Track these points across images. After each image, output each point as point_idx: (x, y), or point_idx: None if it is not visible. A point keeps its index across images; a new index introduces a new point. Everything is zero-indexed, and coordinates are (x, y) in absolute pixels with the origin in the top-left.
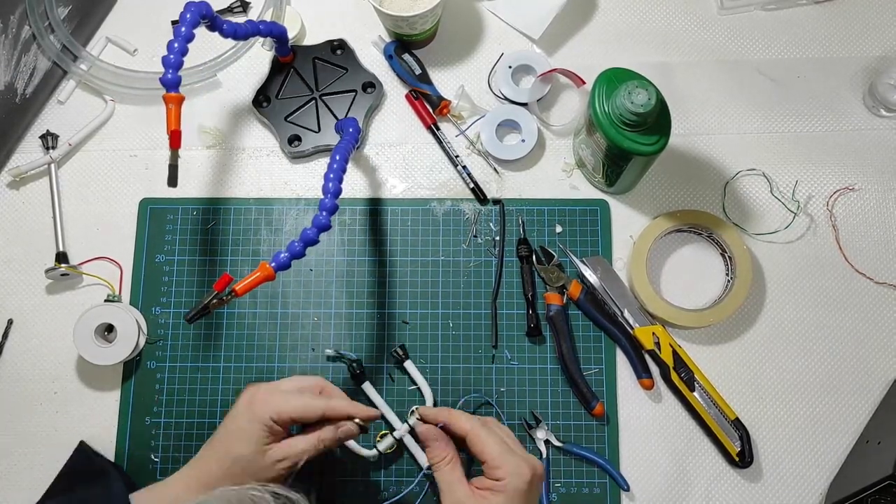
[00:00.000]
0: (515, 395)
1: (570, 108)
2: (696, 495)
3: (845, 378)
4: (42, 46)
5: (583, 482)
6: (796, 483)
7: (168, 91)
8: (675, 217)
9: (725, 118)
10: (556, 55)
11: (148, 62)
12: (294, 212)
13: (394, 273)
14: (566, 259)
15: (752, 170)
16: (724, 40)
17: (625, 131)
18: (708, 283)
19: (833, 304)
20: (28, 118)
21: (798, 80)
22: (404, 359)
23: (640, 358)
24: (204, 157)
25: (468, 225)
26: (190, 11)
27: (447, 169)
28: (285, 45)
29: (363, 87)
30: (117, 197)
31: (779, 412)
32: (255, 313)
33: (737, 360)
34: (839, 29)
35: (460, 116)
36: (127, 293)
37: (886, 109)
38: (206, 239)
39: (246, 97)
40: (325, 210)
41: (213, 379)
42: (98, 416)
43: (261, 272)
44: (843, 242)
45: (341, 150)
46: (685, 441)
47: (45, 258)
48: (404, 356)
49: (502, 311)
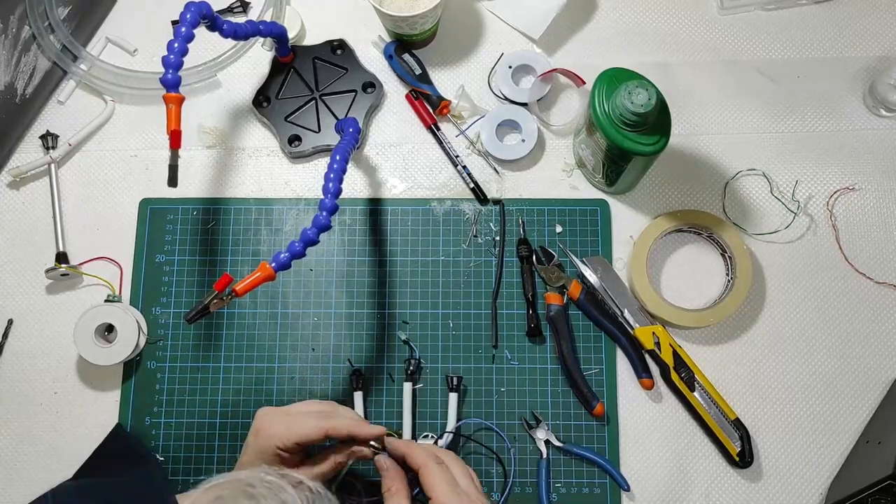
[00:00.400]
0: (516, 395)
1: (570, 108)
2: (697, 495)
3: (846, 378)
4: (42, 46)
5: (583, 482)
6: (796, 483)
7: (168, 91)
8: (676, 217)
9: (725, 118)
10: (556, 55)
11: (148, 62)
12: (294, 212)
13: (394, 273)
14: (566, 259)
15: (752, 170)
16: (724, 40)
17: (625, 131)
18: (708, 283)
19: (833, 304)
20: (28, 118)
21: (798, 80)
22: (457, 388)
23: (641, 358)
24: (204, 157)
25: (468, 225)
26: (190, 11)
27: (447, 169)
28: (285, 45)
29: (363, 87)
30: (117, 197)
31: (779, 412)
32: (255, 313)
33: (737, 360)
34: (839, 29)
35: (460, 116)
36: (127, 293)
37: (886, 109)
38: (207, 239)
39: (246, 97)
40: (325, 210)
41: (213, 379)
42: (98, 416)
43: (261, 272)
44: (843, 242)
45: (341, 150)
46: (685, 441)
47: (45, 258)
48: (457, 384)
49: (502, 311)
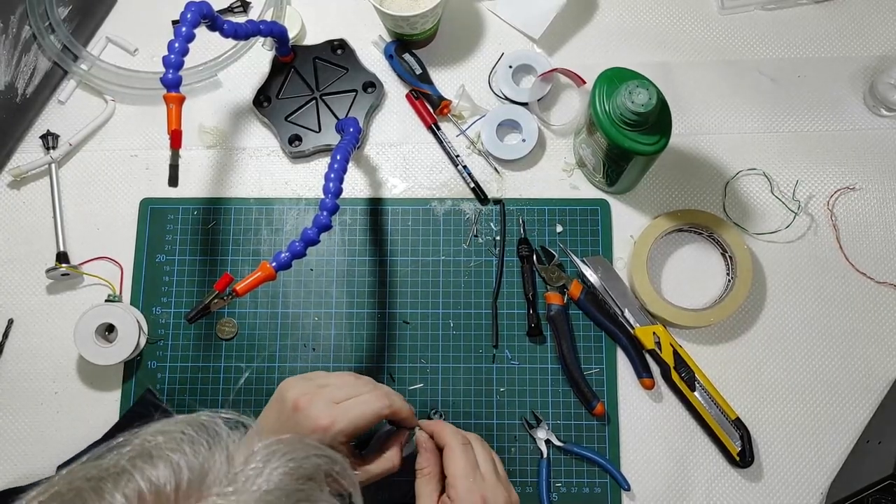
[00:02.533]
0: (516, 394)
1: (570, 108)
2: (697, 495)
3: (846, 377)
4: (42, 46)
5: (583, 482)
6: (797, 482)
7: (168, 91)
8: (676, 217)
9: (726, 118)
10: (557, 55)
11: (148, 62)
12: (295, 212)
13: (394, 273)
14: (567, 259)
15: (752, 169)
16: (725, 40)
17: (625, 131)
18: (708, 282)
19: (833, 303)
20: (28, 118)
21: (798, 79)
22: (537, 426)
23: (641, 357)
24: (204, 157)
25: (469, 225)
26: (190, 11)
27: (448, 169)
28: (286, 45)
29: (363, 86)
30: (118, 197)
31: (779, 412)
32: (255, 313)
33: (737, 360)
34: (839, 29)
35: (461, 116)
36: (127, 293)
37: (887, 109)
38: (207, 239)
39: (246, 97)
40: (325, 210)
41: (213, 379)
42: (99, 415)
43: (261, 272)
44: (843, 242)
45: (342, 150)
46: (686, 441)
47: (45, 258)
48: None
49: (503, 311)
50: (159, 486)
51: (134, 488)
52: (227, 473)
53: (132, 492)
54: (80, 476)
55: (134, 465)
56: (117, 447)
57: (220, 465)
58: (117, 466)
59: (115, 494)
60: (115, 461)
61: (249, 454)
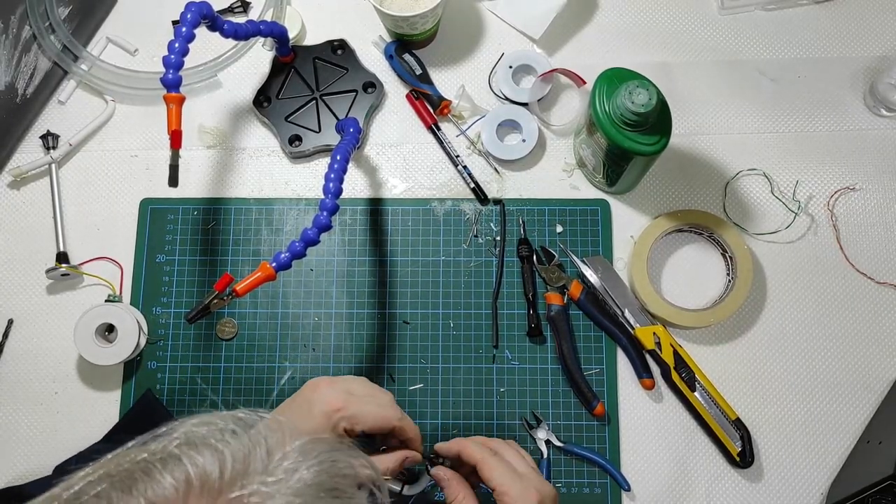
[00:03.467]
0: (516, 394)
1: (570, 108)
2: (697, 495)
3: (846, 378)
4: (42, 46)
5: (583, 482)
6: (797, 483)
7: (169, 91)
8: (676, 217)
9: (726, 118)
10: (557, 55)
11: (148, 62)
12: (294, 212)
13: (394, 273)
14: (567, 259)
15: (752, 170)
16: (725, 40)
17: (625, 131)
18: (709, 283)
19: (834, 303)
20: (29, 118)
21: (798, 80)
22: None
23: (641, 358)
24: (204, 157)
25: (469, 225)
26: (190, 11)
27: (448, 169)
28: (286, 45)
29: (364, 87)
30: (118, 197)
31: (780, 412)
32: (255, 313)
33: (738, 360)
34: (839, 29)
35: (461, 116)
36: (127, 293)
37: (887, 109)
38: (207, 239)
39: (246, 97)
40: (325, 210)
41: (213, 379)
42: (99, 416)
43: (261, 272)
44: (843, 242)
45: (342, 150)
46: (686, 441)
47: (45, 258)
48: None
49: (503, 311)
50: (206, 473)
51: (182, 472)
52: (266, 466)
53: (181, 475)
54: (130, 458)
55: (182, 451)
56: (163, 435)
57: (261, 458)
58: (165, 451)
59: (165, 476)
60: (163, 446)
61: (287, 450)
